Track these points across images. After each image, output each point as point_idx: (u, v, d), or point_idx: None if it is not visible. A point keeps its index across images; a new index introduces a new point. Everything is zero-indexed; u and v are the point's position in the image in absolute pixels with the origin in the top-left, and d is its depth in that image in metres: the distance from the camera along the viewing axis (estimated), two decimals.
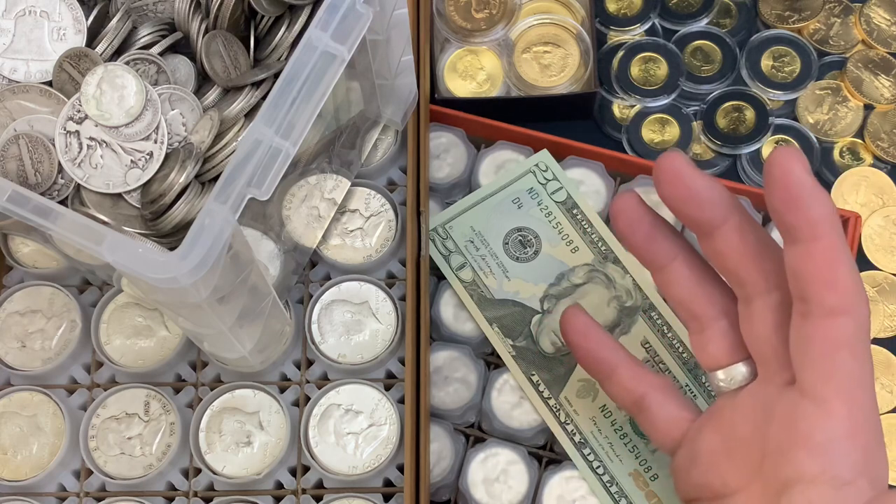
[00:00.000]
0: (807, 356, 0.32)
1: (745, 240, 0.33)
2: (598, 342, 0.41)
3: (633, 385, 0.39)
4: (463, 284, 0.49)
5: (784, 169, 0.30)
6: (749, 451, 0.34)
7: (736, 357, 0.36)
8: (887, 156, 0.56)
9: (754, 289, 0.34)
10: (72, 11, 0.38)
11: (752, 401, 0.35)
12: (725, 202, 0.33)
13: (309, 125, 0.34)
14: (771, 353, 0.34)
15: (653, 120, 0.57)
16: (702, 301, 0.36)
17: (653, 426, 0.39)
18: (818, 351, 0.31)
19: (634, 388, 0.39)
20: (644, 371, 0.40)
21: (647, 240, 0.37)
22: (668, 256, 0.37)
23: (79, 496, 0.46)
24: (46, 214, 0.32)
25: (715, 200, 0.33)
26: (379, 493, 0.45)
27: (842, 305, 0.31)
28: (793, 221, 0.30)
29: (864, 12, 0.59)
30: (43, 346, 0.47)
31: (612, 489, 0.45)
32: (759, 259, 0.34)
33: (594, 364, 0.41)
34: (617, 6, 0.60)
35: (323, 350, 0.47)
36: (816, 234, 0.30)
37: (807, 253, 0.30)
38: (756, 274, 0.34)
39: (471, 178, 0.52)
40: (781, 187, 0.30)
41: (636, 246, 0.37)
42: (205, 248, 0.31)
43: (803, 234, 0.30)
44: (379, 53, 0.42)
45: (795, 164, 0.30)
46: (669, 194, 0.34)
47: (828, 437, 0.31)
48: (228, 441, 0.45)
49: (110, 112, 0.36)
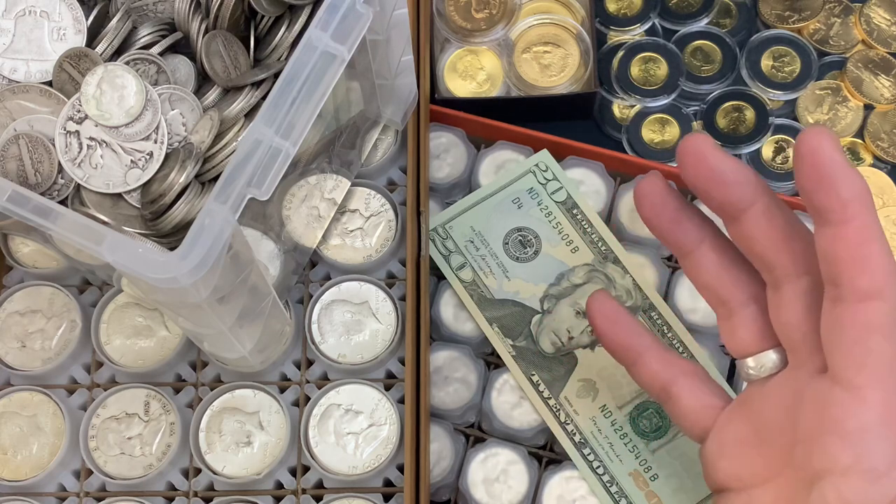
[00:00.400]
0: (839, 342, 0.30)
1: (774, 223, 0.32)
2: (625, 327, 0.39)
3: (660, 371, 0.38)
4: (463, 284, 0.49)
5: (813, 147, 0.29)
6: (779, 441, 0.33)
7: (766, 344, 0.35)
8: (887, 156, 0.56)
9: (783, 273, 0.33)
10: (72, 11, 0.38)
11: (782, 389, 0.34)
12: (753, 184, 0.32)
13: (309, 125, 0.34)
14: (801, 340, 0.33)
15: (653, 120, 0.57)
16: (730, 286, 0.35)
17: (681, 414, 0.38)
18: (850, 336, 0.30)
19: (662, 375, 0.38)
20: (673, 356, 0.38)
21: (672, 223, 0.35)
22: (694, 241, 0.35)
23: (79, 496, 0.46)
24: (46, 214, 0.32)
25: (742, 182, 0.32)
26: (379, 493, 0.45)
27: (875, 289, 0.29)
28: (824, 202, 0.29)
29: (864, 12, 0.59)
30: (43, 346, 0.47)
31: (612, 489, 0.45)
32: (789, 242, 0.32)
33: (621, 349, 0.39)
34: (617, 6, 0.60)
35: (323, 350, 0.47)
36: (848, 215, 0.29)
37: (838, 235, 0.29)
38: (785, 258, 0.32)
39: (471, 178, 0.52)
40: (811, 166, 0.29)
41: (662, 230, 0.36)
42: (205, 248, 0.31)
43: (835, 215, 0.29)
44: (379, 53, 0.42)
45: (825, 142, 0.29)
46: (695, 176, 0.33)
47: (861, 424, 0.30)
48: (228, 441, 0.45)
49: (110, 112, 0.36)
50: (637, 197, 0.36)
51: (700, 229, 0.36)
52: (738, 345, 0.36)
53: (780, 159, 0.56)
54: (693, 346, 0.47)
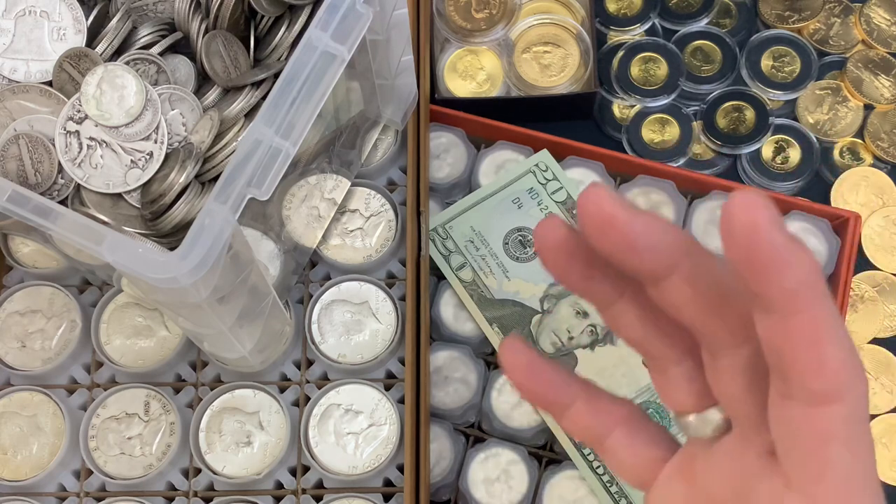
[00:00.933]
0: (792, 447, 0.26)
1: (700, 290, 0.27)
2: (545, 379, 0.32)
3: (592, 424, 0.32)
4: (463, 284, 0.49)
5: (746, 224, 0.22)
6: None
7: (707, 402, 0.30)
8: (887, 156, 0.56)
9: (718, 344, 0.27)
10: (72, 11, 0.38)
11: (729, 464, 0.29)
12: (671, 247, 0.26)
13: (309, 125, 0.34)
14: (745, 416, 0.28)
15: (653, 120, 0.57)
16: (658, 343, 0.30)
17: (620, 468, 0.33)
18: (806, 444, 0.26)
19: (594, 428, 0.32)
20: (605, 403, 0.32)
21: (583, 280, 0.29)
22: (612, 294, 0.30)
23: (79, 496, 0.46)
24: (46, 214, 0.32)
25: (657, 247, 0.26)
26: (379, 493, 0.45)
27: (831, 392, 0.25)
28: (764, 291, 0.24)
29: (864, 12, 0.59)
30: (43, 346, 0.47)
31: (612, 489, 0.45)
32: (721, 310, 0.27)
33: (544, 404, 0.33)
34: (617, 6, 0.60)
35: (323, 350, 0.47)
36: (795, 306, 0.24)
37: (784, 328, 0.24)
38: (718, 328, 0.27)
39: (471, 178, 0.52)
40: (744, 248, 0.23)
41: (572, 286, 0.30)
42: (205, 248, 0.31)
43: (779, 305, 0.24)
44: (379, 53, 0.42)
45: (762, 216, 0.22)
46: (598, 241, 0.26)
47: None
48: (228, 441, 0.45)
49: (110, 112, 0.36)
50: (538, 248, 0.29)
51: (617, 281, 0.30)
52: (675, 403, 0.30)
53: (780, 159, 0.56)
54: None
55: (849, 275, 0.49)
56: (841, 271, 0.50)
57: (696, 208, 0.51)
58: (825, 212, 0.51)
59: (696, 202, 0.51)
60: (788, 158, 0.56)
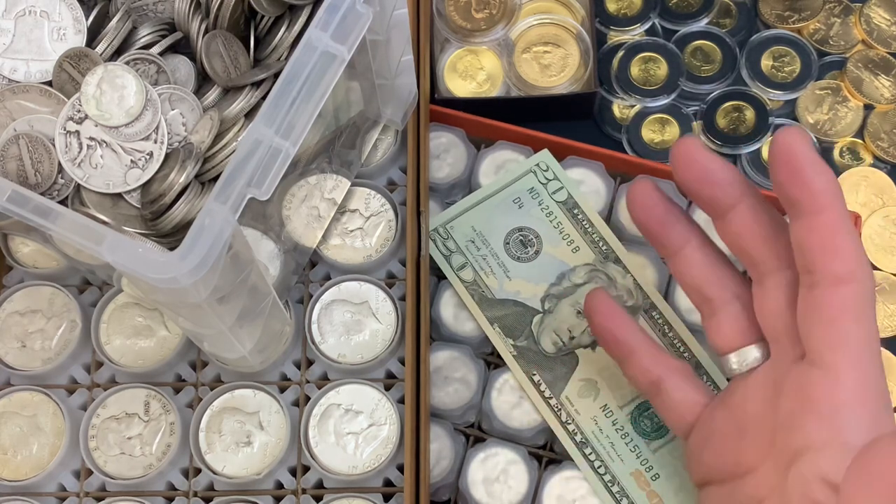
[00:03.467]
0: (814, 325, 0.32)
1: (759, 219, 0.34)
2: (620, 324, 0.41)
3: (651, 367, 0.40)
4: (464, 284, 0.49)
5: (787, 144, 0.31)
6: (761, 429, 0.35)
7: (748, 339, 0.37)
8: (887, 156, 0.56)
9: (767, 267, 0.35)
10: (72, 11, 0.38)
11: (763, 379, 0.35)
12: (739, 183, 0.35)
13: (309, 125, 0.34)
14: (783, 330, 0.34)
15: (653, 120, 0.57)
16: (714, 284, 0.37)
17: (667, 409, 0.40)
18: (825, 319, 0.32)
19: (652, 371, 0.40)
20: (663, 354, 0.40)
21: (660, 225, 0.38)
22: (681, 241, 0.38)
23: (79, 496, 0.46)
24: (46, 214, 0.32)
25: (729, 181, 0.34)
26: (379, 493, 0.45)
27: (846, 273, 0.31)
28: (797, 195, 0.31)
29: (864, 12, 0.59)
30: (43, 346, 0.47)
31: (613, 489, 0.45)
32: (772, 238, 0.34)
33: (615, 345, 0.41)
34: (617, 6, 0.60)
35: (323, 350, 0.47)
36: (819, 206, 0.31)
37: (811, 225, 0.32)
38: (769, 253, 0.35)
39: (471, 178, 0.52)
40: (784, 162, 0.31)
41: (650, 231, 0.38)
42: (205, 248, 0.31)
43: (807, 207, 0.31)
44: (379, 53, 0.42)
45: (798, 139, 0.31)
46: (685, 176, 0.35)
47: (836, 403, 0.32)
48: (228, 441, 0.45)
49: (110, 112, 0.36)
50: (628, 200, 0.38)
51: (686, 230, 0.38)
52: (721, 340, 0.37)
53: None
54: (694, 345, 0.47)
55: None
56: None
57: (696, 208, 0.51)
58: None
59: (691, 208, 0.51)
60: None
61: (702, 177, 0.35)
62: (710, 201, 0.35)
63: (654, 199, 0.38)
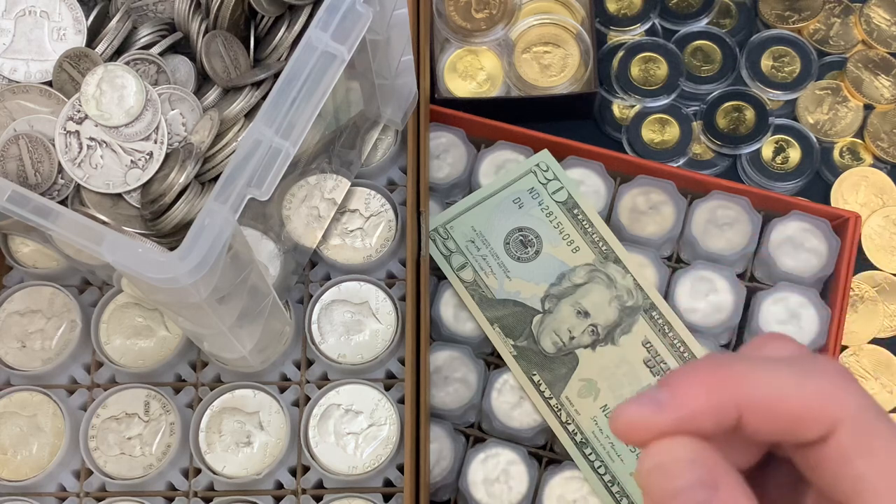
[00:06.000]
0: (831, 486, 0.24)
1: None
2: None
3: None
4: (464, 284, 0.49)
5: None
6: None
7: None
8: (887, 156, 0.56)
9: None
10: (72, 11, 0.38)
11: None
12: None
13: (309, 125, 0.34)
14: None
15: (653, 120, 0.57)
16: None
17: None
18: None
19: None
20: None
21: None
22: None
23: (79, 496, 0.46)
24: (46, 214, 0.32)
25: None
26: (379, 493, 0.45)
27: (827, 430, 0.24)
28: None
29: (864, 12, 0.59)
30: (43, 346, 0.47)
31: (613, 489, 0.45)
32: None
33: None
34: (617, 6, 0.60)
35: (323, 350, 0.47)
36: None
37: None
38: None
39: (471, 178, 0.52)
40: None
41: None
42: (205, 248, 0.31)
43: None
44: (379, 53, 0.42)
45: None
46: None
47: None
48: (228, 441, 0.45)
49: (110, 112, 0.36)
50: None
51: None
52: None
53: (780, 159, 0.56)
54: (693, 345, 0.47)
55: (849, 275, 0.49)
56: (841, 271, 0.50)
57: (696, 208, 0.51)
58: (825, 212, 0.51)
59: (696, 202, 0.51)
60: (788, 158, 0.56)
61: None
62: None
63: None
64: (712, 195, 0.51)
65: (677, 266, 0.51)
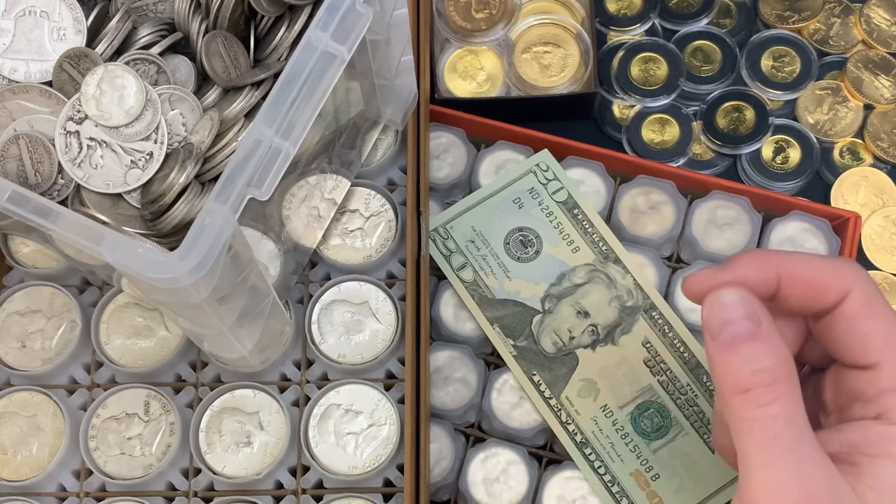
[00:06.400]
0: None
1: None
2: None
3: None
4: (464, 284, 0.49)
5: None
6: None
7: None
8: (887, 156, 0.56)
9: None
10: (72, 11, 0.38)
11: None
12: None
13: (309, 125, 0.34)
14: None
15: (653, 120, 0.57)
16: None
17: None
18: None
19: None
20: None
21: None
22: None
23: (79, 496, 0.46)
24: (46, 214, 0.32)
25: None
26: (379, 493, 0.45)
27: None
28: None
29: (864, 12, 0.59)
30: (43, 346, 0.47)
31: (613, 489, 0.45)
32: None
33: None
34: (617, 6, 0.60)
35: (323, 350, 0.47)
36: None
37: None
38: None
39: (471, 178, 0.52)
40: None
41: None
42: (205, 248, 0.31)
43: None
44: (379, 53, 0.42)
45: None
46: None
47: None
48: (228, 441, 0.45)
49: (110, 112, 0.36)
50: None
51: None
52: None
53: (780, 159, 0.56)
54: (693, 345, 0.47)
55: None
56: None
57: (696, 208, 0.51)
58: (825, 212, 0.51)
59: (696, 202, 0.51)
60: (788, 158, 0.56)
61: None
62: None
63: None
64: (712, 195, 0.51)
65: (677, 266, 0.51)
